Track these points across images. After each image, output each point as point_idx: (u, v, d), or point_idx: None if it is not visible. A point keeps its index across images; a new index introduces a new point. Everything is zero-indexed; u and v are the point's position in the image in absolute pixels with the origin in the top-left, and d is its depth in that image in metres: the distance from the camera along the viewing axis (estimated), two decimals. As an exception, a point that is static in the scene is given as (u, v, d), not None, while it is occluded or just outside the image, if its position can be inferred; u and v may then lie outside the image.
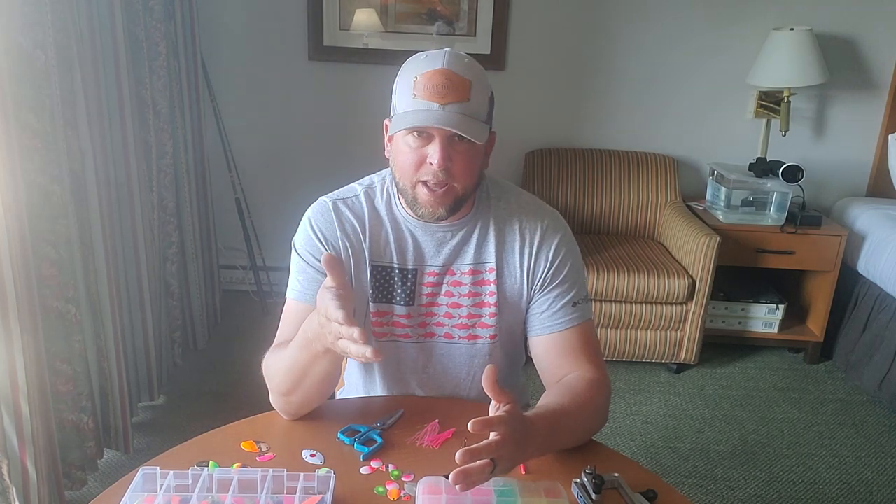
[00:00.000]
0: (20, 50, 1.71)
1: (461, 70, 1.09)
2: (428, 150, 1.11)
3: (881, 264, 2.82)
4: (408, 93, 1.10)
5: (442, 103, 1.07)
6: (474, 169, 1.15)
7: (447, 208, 1.14)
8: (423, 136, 1.11)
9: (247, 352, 2.83)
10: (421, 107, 1.08)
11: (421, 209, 1.15)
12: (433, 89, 1.07)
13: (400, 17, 3.21)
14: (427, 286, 1.23)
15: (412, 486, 0.99)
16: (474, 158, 1.14)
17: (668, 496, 1.01)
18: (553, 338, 1.21)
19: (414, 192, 1.14)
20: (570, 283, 1.23)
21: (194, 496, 0.91)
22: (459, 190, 1.14)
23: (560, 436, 1.06)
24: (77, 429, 2.00)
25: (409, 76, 1.11)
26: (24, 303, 1.68)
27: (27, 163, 1.75)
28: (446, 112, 1.07)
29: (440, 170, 1.10)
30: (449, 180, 1.12)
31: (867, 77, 3.26)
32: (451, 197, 1.14)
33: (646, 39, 3.24)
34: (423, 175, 1.12)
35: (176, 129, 2.64)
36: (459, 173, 1.12)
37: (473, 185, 1.17)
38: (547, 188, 3.19)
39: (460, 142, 1.10)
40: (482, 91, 1.12)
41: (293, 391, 1.10)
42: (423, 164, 1.12)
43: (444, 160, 1.09)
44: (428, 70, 1.08)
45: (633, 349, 2.91)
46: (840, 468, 2.40)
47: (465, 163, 1.12)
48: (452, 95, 1.07)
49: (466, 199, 1.17)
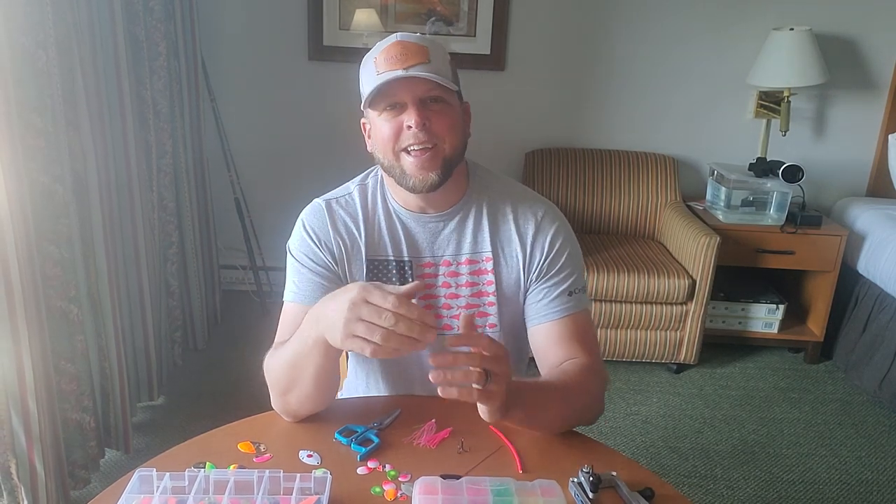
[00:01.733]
0: (22, 50, 1.71)
1: (416, 39, 1.12)
2: (403, 118, 1.12)
3: (881, 264, 2.81)
4: (371, 73, 1.12)
5: (404, 67, 1.09)
6: (456, 126, 1.15)
7: (437, 172, 1.13)
8: (396, 108, 1.12)
9: (246, 352, 2.84)
10: (386, 77, 1.10)
11: (411, 179, 1.14)
12: (392, 59, 1.10)
13: (400, 17, 3.21)
14: (424, 277, 1.23)
15: (409, 486, 0.99)
16: (452, 116, 1.15)
17: (666, 495, 1.01)
18: (548, 326, 1.21)
19: (400, 164, 1.14)
20: (568, 272, 1.22)
21: (191, 497, 0.91)
22: (446, 150, 1.14)
23: (547, 403, 1.06)
24: (80, 428, 2.01)
25: (369, 61, 1.14)
26: (30, 302, 1.69)
27: (30, 162, 1.76)
28: (410, 73, 1.09)
29: (419, 130, 1.10)
30: (432, 140, 1.12)
31: (867, 77, 3.26)
32: (439, 158, 1.13)
33: (646, 39, 3.24)
34: (404, 142, 1.12)
35: (176, 129, 2.65)
36: (441, 131, 1.12)
37: (460, 146, 1.17)
38: (547, 188, 3.19)
39: (434, 103, 1.12)
40: (440, 54, 1.13)
41: (290, 389, 1.10)
42: (401, 132, 1.12)
43: (420, 118, 1.10)
44: (384, 46, 1.12)
45: (633, 349, 2.91)
46: (840, 468, 2.40)
47: (443, 120, 1.13)
48: (412, 59, 1.09)
49: (455, 163, 1.17)
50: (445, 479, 0.96)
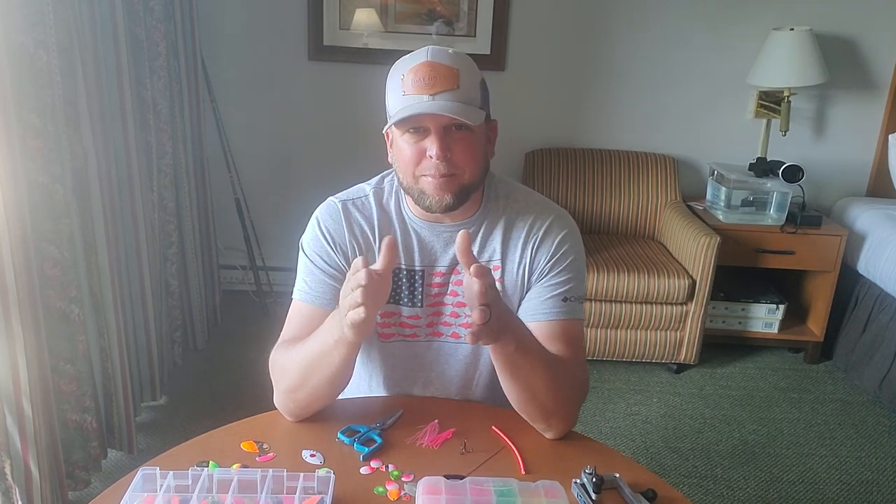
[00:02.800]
0: (22, 50, 1.71)
1: (446, 60, 1.09)
2: (426, 144, 1.10)
3: (881, 264, 2.82)
4: (397, 91, 1.10)
5: (431, 94, 1.07)
6: (477, 155, 1.14)
7: (453, 195, 1.13)
8: (420, 131, 1.11)
9: (246, 352, 2.84)
10: (411, 101, 1.08)
11: (428, 199, 1.14)
12: (420, 82, 1.07)
13: (400, 17, 3.21)
14: (434, 287, 1.23)
15: (412, 486, 0.99)
16: (475, 145, 1.13)
17: (667, 496, 1.01)
18: (538, 325, 1.18)
19: (419, 186, 1.14)
20: (568, 277, 1.21)
21: (194, 496, 0.91)
22: (465, 178, 1.13)
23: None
24: (80, 429, 2.01)
25: (396, 76, 1.11)
26: (25, 303, 1.69)
27: (29, 162, 1.75)
28: (437, 101, 1.07)
29: (440, 161, 1.09)
30: (451, 170, 1.11)
31: (867, 77, 3.26)
32: (457, 183, 1.13)
33: (646, 39, 3.24)
34: (424, 170, 1.12)
35: (176, 129, 2.64)
36: (461, 161, 1.11)
37: (480, 173, 1.16)
38: (547, 188, 3.19)
39: (457, 130, 1.10)
40: (471, 77, 1.11)
41: (301, 387, 1.10)
42: (423, 159, 1.11)
43: (442, 150, 1.09)
44: (413, 65, 1.09)
45: (633, 349, 2.91)
46: (840, 468, 2.40)
47: (465, 150, 1.11)
48: (441, 84, 1.07)
49: (474, 189, 1.16)
50: (449, 480, 0.96)
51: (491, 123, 1.20)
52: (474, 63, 1.14)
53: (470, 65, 1.12)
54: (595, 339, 2.89)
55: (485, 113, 1.14)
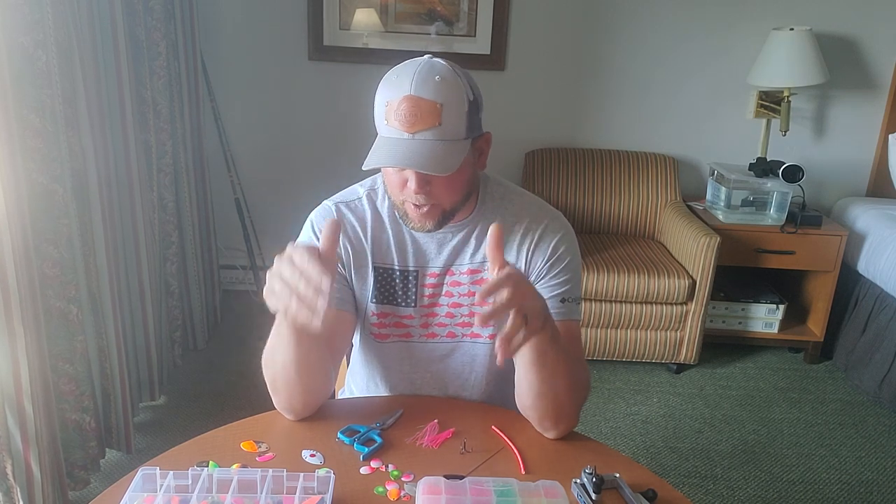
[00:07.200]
0: (21, 50, 1.71)
1: (430, 93, 1.05)
2: (407, 174, 1.11)
3: (881, 264, 2.82)
4: (381, 116, 1.09)
5: (411, 132, 1.06)
6: (457, 185, 1.14)
7: (435, 222, 1.16)
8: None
9: (246, 352, 2.83)
10: (392, 134, 1.07)
11: (410, 223, 1.17)
12: (401, 118, 1.06)
13: (400, 17, 3.21)
14: (428, 287, 1.24)
15: (412, 486, 0.99)
16: (455, 176, 1.11)
17: (667, 496, 1.01)
18: None
19: (403, 207, 1.17)
20: (565, 278, 1.22)
21: (194, 496, 0.90)
22: (446, 206, 1.15)
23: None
24: (79, 429, 2.01)
25: (382, 99, 1.09)
26: (27, 302, 1.69)
27: (29, 162, 1.75)
28: (415, 141, 1.06)
29: (419, 195, 1.11)
30: (431, 201, 1.13)
31: (867, 77, 3.26)
32: (437, 212, 1.15)
33: (646, 39, 3.24)
34: (407, 197, 1.13)
35: (175, 129, 2.64)
36: (440, 193, 1.13)
37: (460, 199, 1.17)
38: (547, 188, 3.19)
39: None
40: (456, 108, 1.07)
41: (276, 381, 1.11)
42: (405, 187, 1.12)
43: (420, 187, 1.10)
44: (396, 97, 1.06)
45: (633, 349, 2.91)
46: (840, 468, 2.40)
47: (444, 184, 1.12)
48: (421, 123, 1.05)
49: (456, 212, 1.18)
50: (449, 480, 0.96)
51: (483, 137, 1.18)
52: (465, 83, 1.10)
53: (457, 90, 1.07)
54: (595, 339, 2.89)
55: (468, 144, 1.11)
